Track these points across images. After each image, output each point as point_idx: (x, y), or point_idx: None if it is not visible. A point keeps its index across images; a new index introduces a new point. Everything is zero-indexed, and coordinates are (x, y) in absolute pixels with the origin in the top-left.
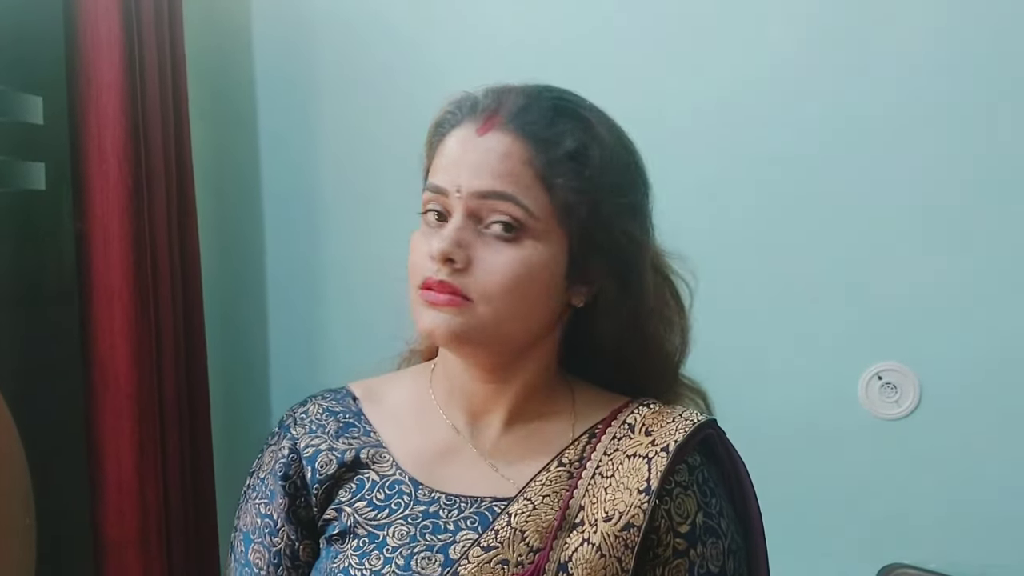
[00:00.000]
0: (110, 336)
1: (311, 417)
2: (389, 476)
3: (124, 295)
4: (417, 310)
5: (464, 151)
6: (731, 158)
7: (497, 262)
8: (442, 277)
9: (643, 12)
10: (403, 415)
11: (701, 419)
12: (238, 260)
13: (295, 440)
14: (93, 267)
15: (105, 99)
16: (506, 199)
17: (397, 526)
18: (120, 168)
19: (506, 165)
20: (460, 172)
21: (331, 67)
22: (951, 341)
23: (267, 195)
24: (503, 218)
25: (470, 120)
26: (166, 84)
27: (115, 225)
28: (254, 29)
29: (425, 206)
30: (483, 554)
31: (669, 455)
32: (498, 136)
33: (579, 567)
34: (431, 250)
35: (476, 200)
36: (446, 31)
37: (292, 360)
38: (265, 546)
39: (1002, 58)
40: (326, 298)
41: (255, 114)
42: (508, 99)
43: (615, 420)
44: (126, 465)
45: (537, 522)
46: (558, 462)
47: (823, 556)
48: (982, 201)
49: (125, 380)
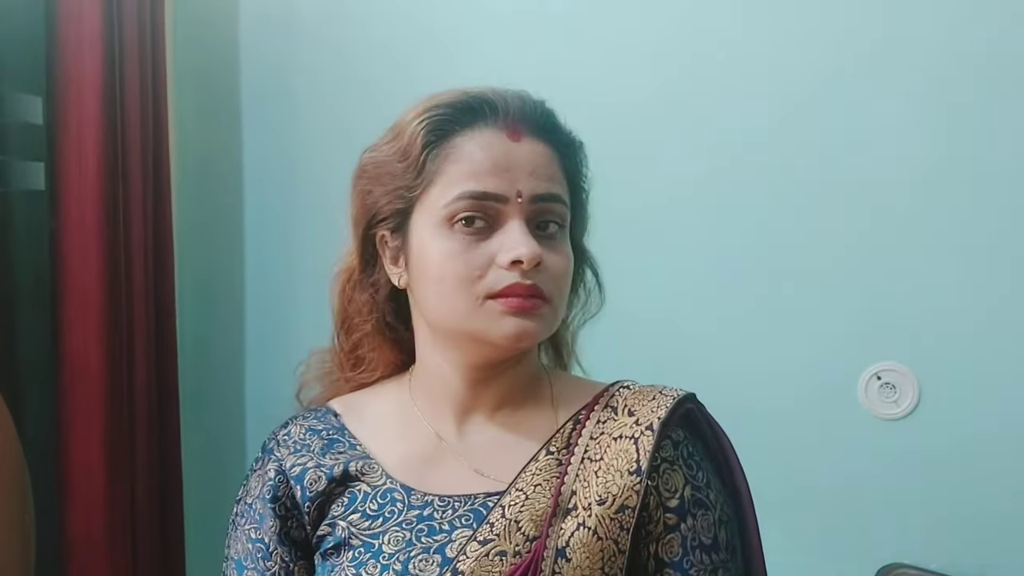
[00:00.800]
0: (83, 335)
1: (294, 438)
2: (380, 486)
3: (96, 296)
4: (486, 319)
5: (508, 156)
6: (731, 157)
7: (558, 262)
8: (531, 281)
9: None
10: (386, 426)
11: (681, 394)
12: (216, 260)
13: (280, 461)
14: (67, 266)
15: (85, 98)
16: (560, 201)
17: (392, 533)
18: (97, 168)
19: (553, 169)
20: (516, 177)
21: (316, 69)
22: (951, 341)
23: (248, 196)
24: (557, 220)
25: (487, 123)
26: (146, 85)
27: (91, 224)
28: (240, 29)
29: (455, 214)
30: (480, 548)
31: (654, 433)
32: (533, 141)
33: (576, 551)
34: (514, 256)
35: (535, 204)
36: (432, 33)
37: (267, 361)
38: (259, 571)
39: (1002, 59)
40: (304, 300)
41: (239, 115)
42: (522, 103)
43: (597, 404)
44: (95, 464)
45: (531, 511)
46: (546, 451)
47: (823, 556)
48: (982, 201)
49: (96, 378)
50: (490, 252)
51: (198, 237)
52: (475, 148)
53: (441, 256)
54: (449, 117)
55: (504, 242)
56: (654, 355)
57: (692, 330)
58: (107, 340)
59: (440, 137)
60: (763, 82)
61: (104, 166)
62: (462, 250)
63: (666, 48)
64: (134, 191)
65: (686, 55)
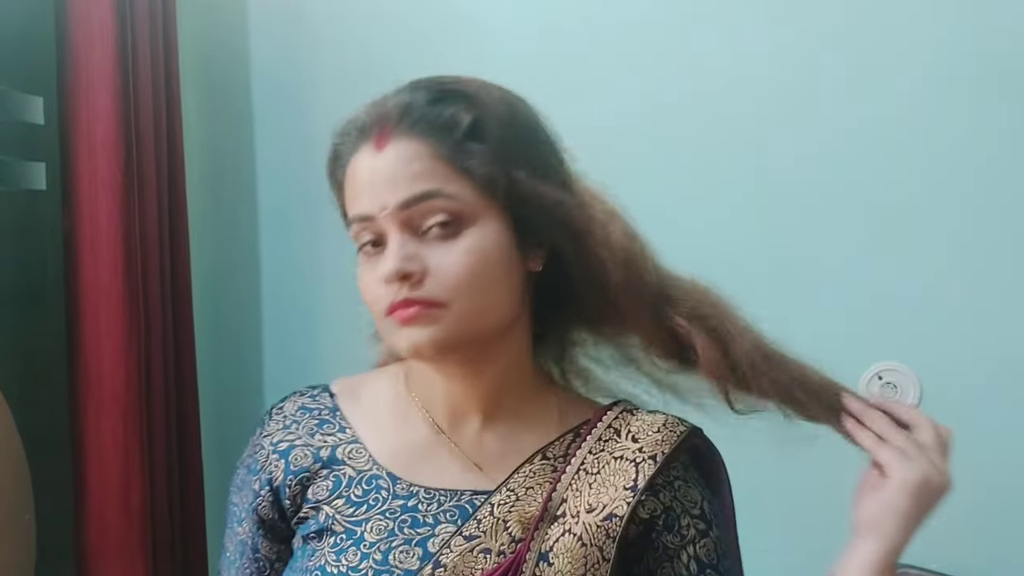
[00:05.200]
0: (96, 335)
1: (286, 413)
2: (366, 471)
3: (112, 294)
4: (392, 336)
5: (372, 171)
6: (731, 158)
7: (451, 260)
8: (405, 295)
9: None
10: (380, 413)
11: (686, 429)
12: (232, 258)
13: (270, 436)
14: (80, 265)
15: (97, 96)
16: (432, 196)
17: (375, 521)
18: (110, 165)
19: (417, 167)
20: (377, 192)
21: (325, 63)
22: (951, 341)
23: (262, 193)
24: (438, 216)
25: (363, 142)
26: (159, 81)
27: (104, 223)
28: (250, 24)
29: (358, 240)
30: (466, 543)
31: (656, 463)
32: (396, 145)
33: (560, 556)
34: (383, 275)
35: (404, 211)
36: (445, 26)
37: (287, 362)
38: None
39: (1002, 59)
40: (322, 297)
41: (251, 111)
42: (388, 106)
43: (600, 422)
44: (110, 468)
45: (520, 513)
46: (542, 456)
47: (823, 556)
48: (982, 201)
49: (110, 379)
50: (379, 272)
51: (213, 232)
52: (352, 172)
53: (359, 279)
54: (342, 144)
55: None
56: None
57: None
58: (124, 338)
59: (340, 166)
60: (763, 83)
61: (118, 164)
62: (365, 273)
63: (666, 49)
64: (148, 188)
65: (686, 56)
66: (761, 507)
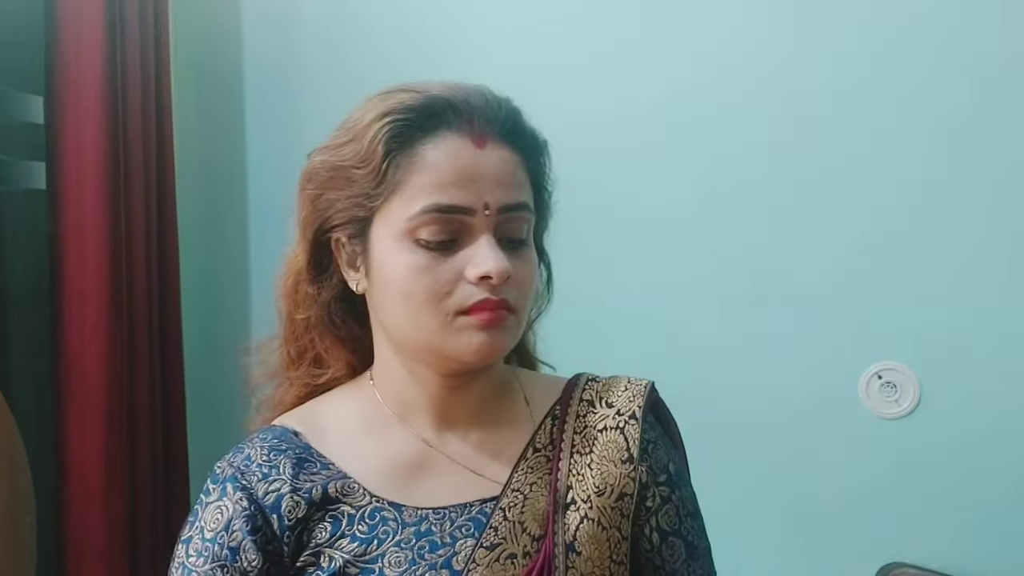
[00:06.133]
0: (79, 337)
1: (256, 462)
2: (366, 506)
3: (96, 296)
4: (453, 335)
5: (476, 166)
6: (731, 158)
7: (525, 271)
8: (501, 296)
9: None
10: (354, 438)
11: (647, 382)
12: (221, 261)
13: (250, 490)
14: (65, 268)
15: (85, 97)
16: (526, 209)
17: (391, 555)
18: (98, 168)
19: (519, 176)
20: (483, 188)
21: (317, 64)
22: (951, 341)
23: (253, 196)
24: (524, 228)
25: (451, 131)
26: (149, 83)
27: (91, 225)
28: (243, 27)
29: (425, 227)
30: (489, 553)
31: (638, 421)
32: (498, 147)
33: (585, 544)
34: (485, 271)
35: (503, 215)
36: (434, 27)
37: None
38: None
39: (1002, 59)
40: None
41: (242, 111)
42: (487, 107)
43: (571, 399)
44: (91, 472)
45: (533, 510)
46: (532, 448)
47: (823, 556)
48: (982, 201)
49: (94, 382)
50: (457, 266)
51: (202, 234)
52: (440, 157)
53: (406, 271)
54: (412, 123)
55: (473, 256)
56: (655, 356)
57: (693, 331)
58: (107, 342)
59: (402, 144)
60: (763, 83)
61: (105, 165)
62: (429, 265)
63: (666, 50)
64: (136, 189)
65: (686, 57)
66: (761, 507)
